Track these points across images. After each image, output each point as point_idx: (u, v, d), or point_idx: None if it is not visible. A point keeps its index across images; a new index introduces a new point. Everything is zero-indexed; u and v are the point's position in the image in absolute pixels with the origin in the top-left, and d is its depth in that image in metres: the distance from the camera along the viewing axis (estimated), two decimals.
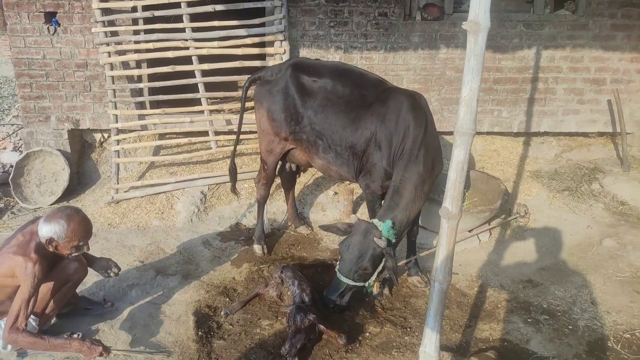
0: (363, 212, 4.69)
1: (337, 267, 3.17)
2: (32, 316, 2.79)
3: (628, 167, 5.13)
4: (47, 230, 2.70)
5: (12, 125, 6.53)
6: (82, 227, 2.78)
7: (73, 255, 2.84)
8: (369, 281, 3.16)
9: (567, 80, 5.32)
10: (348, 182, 4.86)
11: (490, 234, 4.36)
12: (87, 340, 2.66)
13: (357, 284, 3.12)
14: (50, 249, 2.76)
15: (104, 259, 3.21)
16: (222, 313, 3.30)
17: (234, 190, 4.30)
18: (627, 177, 5.02)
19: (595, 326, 3.20)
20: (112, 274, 3.15)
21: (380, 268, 3.13)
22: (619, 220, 4.50)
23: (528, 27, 5.15)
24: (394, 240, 3.08)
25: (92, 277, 3.44)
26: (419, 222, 3.81)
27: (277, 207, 4.77)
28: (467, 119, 2.01)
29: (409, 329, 3.21)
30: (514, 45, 5.17)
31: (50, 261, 2.81)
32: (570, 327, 3.20)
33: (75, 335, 2.95)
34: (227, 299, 3.49)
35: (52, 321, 3.09)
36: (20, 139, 5.93)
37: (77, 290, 3.21)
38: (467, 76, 1.96)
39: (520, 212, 4.55)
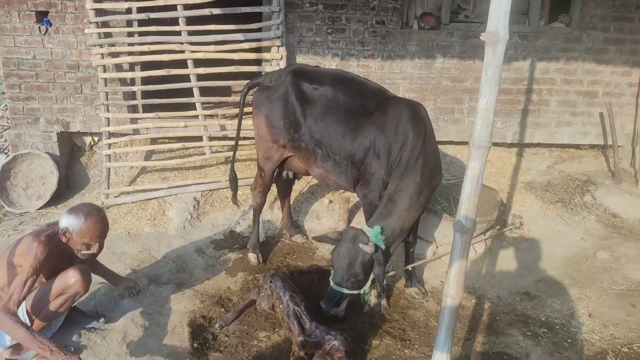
0: (359, 221, 4.65)
1: (331, 275, 3.14)
2: (27, 320, 2.69)
3: (619, 179, 5.19)
4: (65, 220, 2.74)
5: None
6: (98, 226, 2.80)
7: (82, 253, 2.83)
8: (364, 289, 3.13)
9: (561, 92, 5.37)
10: (343, 190, 4.84)
11: (486, 245, 4.35)
12: (67, 351, 2.53)
13: (352, 292, 3.08)
14: (64, 240, 2.76)
15: (130, 280, 3.41)
16: (217, 325, 3.22)
17: (234, 199, 4.22)
18: (619, 189, 5.08)
19: (594, 340, 3.20)
20: (134, 294, 3.36)
21: (372, 275, 3.10)
22: (612, 232, 4.53)
23: (523, 39, 5.19)
24: (382, 247, 3.04)
25: None
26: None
27: (272, 215, 4.70)
28: (483, 131, 1.99)
29: (408, 342, 3.18)
30: (509, 56, 5.20)
31: (59, 254, 2.77)
32: (569, 340, 3.20)
33: (68, 349, 2.84)
34: (223, 309, 3.42)
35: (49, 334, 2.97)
36: (6, 140, 5.77)
37: None
38: (484, 88, 1.94)
39: (515, 223, 4.56)
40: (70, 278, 2.77)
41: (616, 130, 5.28)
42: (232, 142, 4.34)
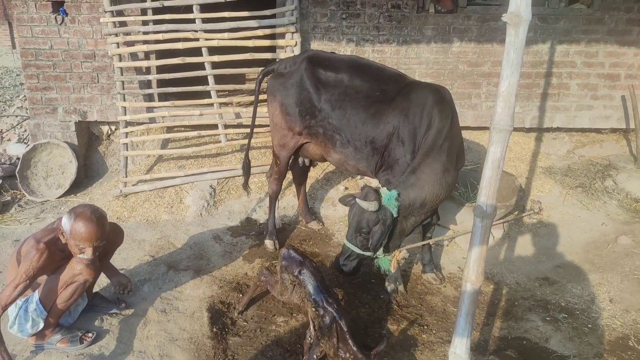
0: None
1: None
2: (41, 310, 2.75)
3: None
4: (64, 220, 2.68)
5: (17, 116, 6.45)
6: (86, 230, 2.62)
7: (78, 257, 2.72)
8: (378, 253, 3.11)
9: (581, 75, 5.25)
10: (360, 176, 4.81)
11: (505, 231, 4.31)
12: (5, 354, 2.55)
13: (364, 252, 3.11)
14: (63, 240, 2.72)
15: (124, 277, 3.19)
16: (235, 313, 3.23)
17: (246, 186, 4.22)
18: None
19: (615, 325, 3.16)
20: (125, 292, 3.15)
21: (385, 239, 3.08)
22: (634, 217, 4.44)
23: (543, 21, 5.07)
24: (393, 211, 2.99)
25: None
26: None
27: (288, 202, 4.71)
28: (504, 114, 1.95)
29: (425, 327, 3.17)
30: (528, 39, 5.07)
31: (62, 255, 2.76)
32: (589, 325, 3.16)
33: (90, 334, 2.91)
34: (241, 295, 3.44)
35: (71, 320, 3.03)
36: (25, 130, 5.86)
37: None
38: (506, 70, 1.89)
39: (534, 208, 4.50)
40: (77, 267, 2.75)
41: (639, 114, 5.15)
42: (248, 130, 4.34)
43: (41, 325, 2.78)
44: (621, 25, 5.10)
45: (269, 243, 4.06)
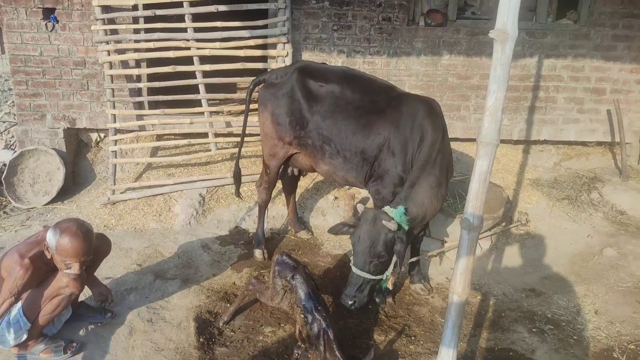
0: None
1: (352, 261, 3.01)
2: (25, 322, 2.71)
3: (627, 177, 5.16)
4: (48, 234, 2.62)
5: (4, 122, 6.39)
6: (72, 246, 2.56)
7: (65, 272, 2.66)
8: (387, 272, 3.01)
9: (568, 89, 5.34)
10: (348, 187, 4.82)
11: (492, 242, 4.34)
12: None
13: (375, 277, 2.96)
14: (48, 255, 2.67)
15: (105, 287, 3.13)
16: (221, 323, 3.21)
17: (237, 193, 4.22)
18: (626, 186, 5.05)
19: (600, 337, 3.18)
20: (105, 305, 3.10)
21: (395, 258, 2.98)
22: (619, 229, 4.51)
23: (531, 36, 5.16)
24: (406, 227, 2.98)
25: None
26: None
27: (277, 211, 4.71)
28: (491, 129, 1.98)
29: (413, 338, 3.17)
30: (516, 53, 5.17)
31: (47, 268, 2.72)
32: (575, 337, 3.18)
33: (74, 344, 2.87)
34: (228, 305, 3.42)
35: (54, 330, 2.99)
36: (13, 136, 5.81)
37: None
38: (493, 85, 1.92)
39: (521, 220, 4.54)
40: (62, 280, 2.70)
41: (624, 128, 5.25)
42: (238, 139, 4.35)
43: (25, 336, 2.74)
44: (607, 41, 5.22)
45: (257, 252, 4.05)
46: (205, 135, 5.04)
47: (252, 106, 4.03)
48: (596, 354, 3.03)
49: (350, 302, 2.94)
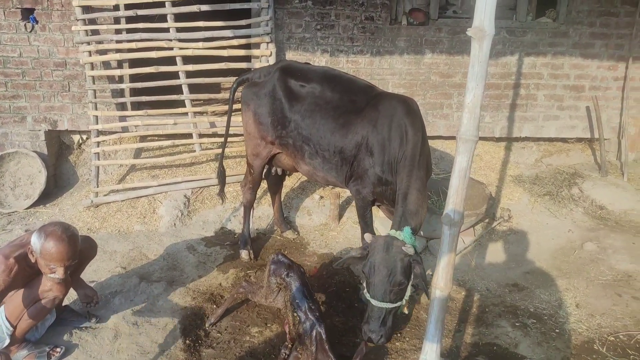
0: (350, 217, 4.69)
1: (367, 295, 2.81)
2: (7, 327, 2.67)
3: (606, 172, 5.26)
4: (33, 238, 2.58)
5: None
6: (56, 250, 2.53)
7: (49, 276, 2.63)
8: (405, 297, 2.85)
9: (548, 86, 5.43)
10: (332, 187, 4.84)
11: (475, 238, 4.40)
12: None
13: (395, 305, 2.77)
14: (32, 259, 2.63)
15: (91, 289, 3.09)
16: (207, 325, 3.20)
17: (221, 194, 4.20)
18: (605, 182, 5.16)
19: (581, 329, 3.25)
20: (91, 307, 3.07)
21: (412, 280, 2.87)
22: (599, 224, 4.60)
23: (511, 34, 5.23)
24: (417, 246, 2.91)
25: None
26: None
27: (263, 212, 4.71)
28: (470, 125, 2.01)
29: (399, 334, 3.21)
30: (497, 51, 5.25)
31: (32, 271, 2.68)
32: (557, 330, 3.25)
33: (58, 349, 2.84)
34: (214, 306, 3.42)
35: (38, 335, 2.96)
36: None
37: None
38: (471, 83, 1.96)
39: (504, 216, 4.61)
40: (46, 283, 2.67)
41: (602, 124, 5.35)
42: (222, 139, 4.34)
43: (7, 341, 2.71)
44: (585, 39, 5.31)
45: (243, 253, 4.05)
46: (189, 135, 5.01)
47: (235, 106, 4.02)
48: (577, 346, 3.10)
49: (377, 338, 2.74)
